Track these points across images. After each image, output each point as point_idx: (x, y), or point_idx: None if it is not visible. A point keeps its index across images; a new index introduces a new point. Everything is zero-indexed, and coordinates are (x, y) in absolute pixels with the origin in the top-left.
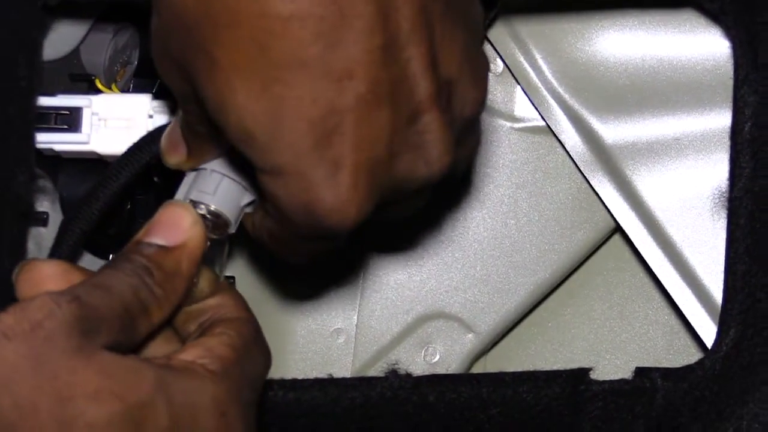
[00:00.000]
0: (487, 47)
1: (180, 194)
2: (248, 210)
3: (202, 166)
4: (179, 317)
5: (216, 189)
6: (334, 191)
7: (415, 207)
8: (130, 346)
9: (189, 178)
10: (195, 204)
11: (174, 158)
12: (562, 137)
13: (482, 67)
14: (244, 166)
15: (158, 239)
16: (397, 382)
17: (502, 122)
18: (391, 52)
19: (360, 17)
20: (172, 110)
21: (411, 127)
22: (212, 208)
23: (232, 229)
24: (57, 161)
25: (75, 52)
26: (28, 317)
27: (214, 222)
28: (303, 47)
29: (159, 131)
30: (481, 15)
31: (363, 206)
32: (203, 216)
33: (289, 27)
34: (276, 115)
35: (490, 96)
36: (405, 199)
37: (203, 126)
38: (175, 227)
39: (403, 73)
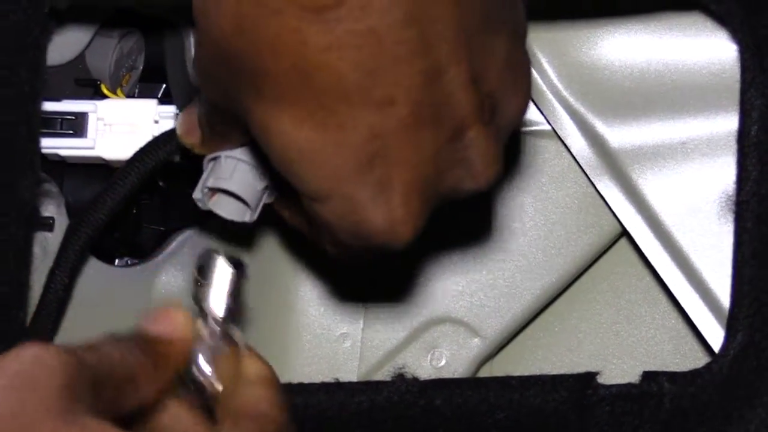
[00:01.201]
0: None
1: (199, 185)
2: (267, 199)
3: (219, 152)
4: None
5: (232, 173)
6: (383, 210)
7: None
8: (116, 413)
9: (207, 168)
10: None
11: (188, 140)
12: (567, 141)
13: (523, 71)
14: (260, 154)
15: (149, 325)
16: (403, 386)
17: None
18: (432, 74)
19: (400, 44)
20: (177, 115)
21: (456, 143)
22: (231, 189)
23: (253, 217)
24: (62, 166)
25: (80, 57)
26: (19, 361)
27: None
28: (342, 76)
29: (164, 137)
30: (523, 14)
31: (416, 223)
32: (215, 320)
33: (328, 57)
34: (318, 142)
35: None
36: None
37: (225, 126)
38: (167, 319)
39: (445, 93)
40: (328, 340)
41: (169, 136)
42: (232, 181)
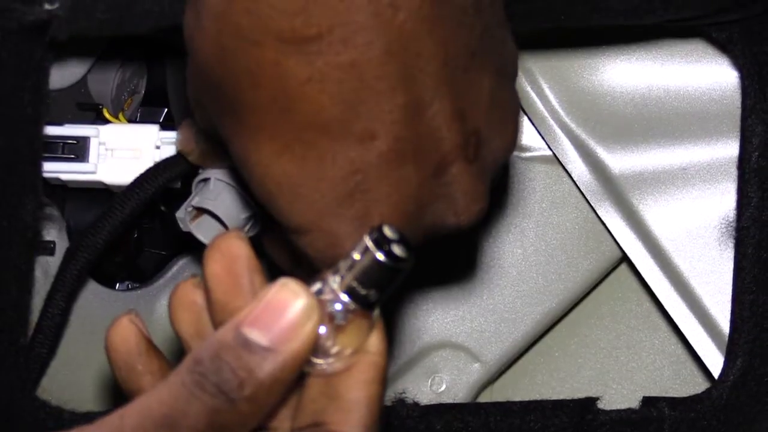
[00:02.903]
0: None
1: (185, 204)
2: (250, 231)
3: (209, 174)
4: None
5: (218, 196)
6: None
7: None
8: None
9: (196, 189)
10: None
11: (186, 151)
12: (568, 167)
13: (511, 110)
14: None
15: (259, 333)
16: (404, 411)
17: None
18: (415, 110)
19: (381, 79)
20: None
21: (438, 179)
22: (214, 211)
23: None
24: (64, 190)
25: (82, 81)
26: None
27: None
28: (322, 110)
29: (164, 164)
30: (513, 52)
31: None
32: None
33: (308, 90)
34: (297, 176)
35: None
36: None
37: (214, 144)
38: (281, 318)
39: (428, 128)
40: None
41: (169, 163)
42: (217, 203)
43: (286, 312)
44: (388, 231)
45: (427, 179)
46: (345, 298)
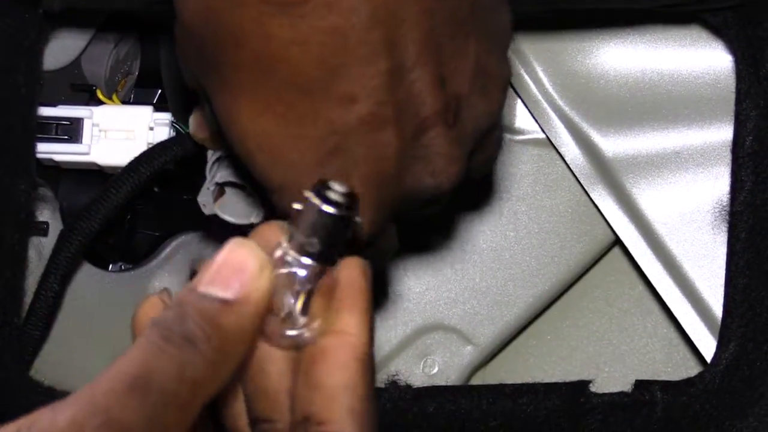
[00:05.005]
0: None
1: (204, 187)
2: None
3: (222, 153)
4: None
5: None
6: None
7: (432, 212)
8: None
9: (212, 170)
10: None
11: (199, 135)
12: (562, 150)
13: (497, 77)
14: None
15: (218, 289)
16: (397, 393)
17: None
18: (397, 75)
19: (364, 44)
20: (172, 123)
21: (417, 141)
22: (241, 181)
23: (259, 217)
24: (57, 171)
25: (76, 62)
26: None
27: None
28: (304, 71)
29: (159, 146)
30: (506, 20)
31: (375, 218)
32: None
33: (290, 51)
34: (277, 135)
35: None
36: (418, 208)
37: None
38: (238, 273)
39: (409, 92)
40: None
41: (164, 146)
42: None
43: (240, 266)
44: (331, 183)
45: (406, 142)
46: (296, 255)
